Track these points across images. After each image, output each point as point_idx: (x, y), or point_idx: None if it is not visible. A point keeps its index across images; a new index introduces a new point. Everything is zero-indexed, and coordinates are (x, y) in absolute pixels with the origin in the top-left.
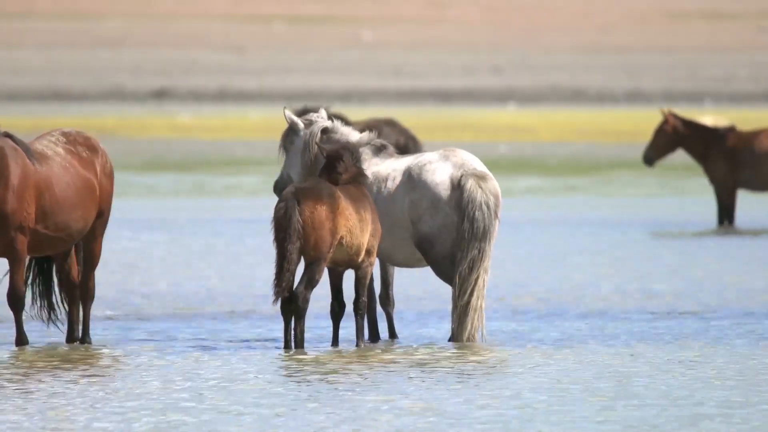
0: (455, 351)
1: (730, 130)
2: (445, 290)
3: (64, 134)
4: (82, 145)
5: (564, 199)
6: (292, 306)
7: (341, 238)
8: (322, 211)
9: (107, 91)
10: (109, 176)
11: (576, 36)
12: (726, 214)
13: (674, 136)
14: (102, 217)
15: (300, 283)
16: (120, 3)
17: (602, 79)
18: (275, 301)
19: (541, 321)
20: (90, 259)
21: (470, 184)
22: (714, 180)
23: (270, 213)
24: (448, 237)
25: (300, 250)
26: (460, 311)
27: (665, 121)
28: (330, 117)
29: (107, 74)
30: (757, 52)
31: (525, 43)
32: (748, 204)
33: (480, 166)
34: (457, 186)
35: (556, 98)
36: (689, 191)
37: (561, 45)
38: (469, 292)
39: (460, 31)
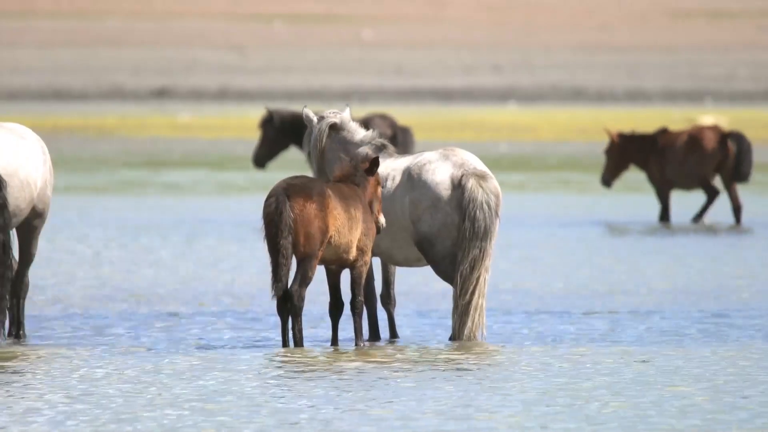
0: (456, 349)
1: (662, 131)
2: (446, 288)
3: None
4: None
5: (563, 197)
6: (288, 305)
7: (330, 237)
8: (312, 208)
9: (107, 91)
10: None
11: (576, 35)
12: (663, 212)
13: (621, 154)
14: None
15: (294, 281)
16: (120, 2)
17: (603, 77)
18: (274, 296)
19: (541, 320)
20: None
21: (471, 183)
22: (652, 181)
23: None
24: (448, 236)
25: (291, 246)
26: (462, 310)
27: (611, 142)
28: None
29: (107, 73)
30: (758, 51)
31: (525, 42)
32: (759, 203)
33: (480, 166)
34: (458, 185)
35: (556, 97)
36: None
37: (561, 44)
38: (470, 291)
39: (461, 30)
